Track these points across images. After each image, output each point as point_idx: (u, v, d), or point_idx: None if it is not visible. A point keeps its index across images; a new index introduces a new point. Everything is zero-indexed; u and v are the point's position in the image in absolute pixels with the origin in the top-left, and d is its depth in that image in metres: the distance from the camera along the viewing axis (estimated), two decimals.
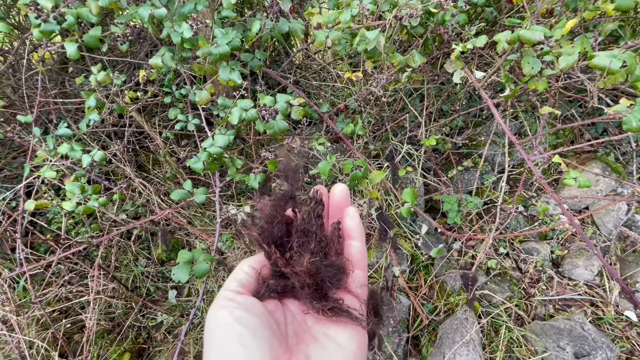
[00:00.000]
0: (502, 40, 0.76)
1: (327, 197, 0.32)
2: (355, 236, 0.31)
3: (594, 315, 1.27)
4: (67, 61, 1.71)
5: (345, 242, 0.31)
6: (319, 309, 0.28)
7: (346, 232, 0.31)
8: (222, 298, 0.27)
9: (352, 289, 0.30)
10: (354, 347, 0.27)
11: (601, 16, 0.96)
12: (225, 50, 0.79)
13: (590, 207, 1.53)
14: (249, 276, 0.30)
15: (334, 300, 0.28)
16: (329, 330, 0.28)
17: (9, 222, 1.09)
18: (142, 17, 0.78)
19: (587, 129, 1.65)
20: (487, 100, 0.83)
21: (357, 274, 0.31)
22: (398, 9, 0.77)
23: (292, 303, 0.31)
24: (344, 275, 0.29)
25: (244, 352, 0.23)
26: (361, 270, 0.31)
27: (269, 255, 0.30)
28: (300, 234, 0.29)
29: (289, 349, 0.27)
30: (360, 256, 0.31)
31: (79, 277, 1.33)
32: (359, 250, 0.31)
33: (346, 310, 0.28)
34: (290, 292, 0.31)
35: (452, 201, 1.46)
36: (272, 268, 0.31)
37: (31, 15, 0.77)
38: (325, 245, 0.29)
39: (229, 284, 0.29)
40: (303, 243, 0.29)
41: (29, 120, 0.98)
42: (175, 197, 0.79)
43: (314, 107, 1.03)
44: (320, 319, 0.29)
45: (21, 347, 1.01)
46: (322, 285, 0.28)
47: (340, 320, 0.28)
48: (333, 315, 0.28)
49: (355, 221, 0.31)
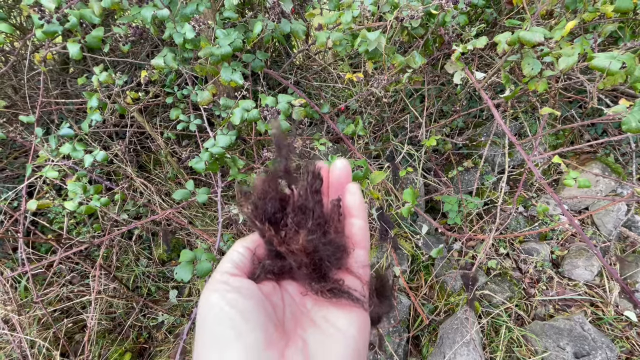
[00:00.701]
0: (503, 42, 0.77)
1: (327, 172, 0.30)
2: (356, 214, 0.29)
3: (593, 315, 1.27)
4: (68, 62, 1.71)
5: (346, 220, 0.29)
6: (318, 290, 0.27)
7: (347, 210, 0.29)
8: (215, 281, 0.26)
9: (354, 269, 0.28)
10: (354, 332, 0.26)
11: (601, 17, 0.97)
12: (227, 50, 0.80)
13: (590, 208, 1.54)
14: (244, 257, 0.28)
15: (334, 281, 0.27)
16: (329, 313, 0.27)
17: (11, 222, 1.09)
18: (144, 17, 0.79)
19: (586, 130, 1.66)
20: (488, 100, 0.84)
21: (359, 254, 0.29)
22: (399, 10, 0.78)
23: (290, 284, 0.29)
24: (344, 254, 0.28)
25: (235, 337, 0.22)
26: (363, 250, 0.29)
27: (263, 234, 0.28)
28: (297, 210, 0.27)
29: (285, 333, 0.25)
30: (362, 235, 0.29)
31: (80, 277, 1.33)
32: (361, 228, 0.29)
33: (347, 292, 0.27)
34: (288, 273, 0.29)
35: (453, 201, 1.47)
36: (268, 247, 0.29)
37: (34, 16, 0.77)
38: (324, 223, 0.27)
39: (223, 265, 0.27)
40: (300, 220, 0.27)
41: (31, 121, 0.99)
42: (178, 197, 0.80)
43: (315, 108, 1.04)
44: (320, 301, 0.27)
45: (23, 346, 1.01)
46: (321, 265, 0.27)
47: (341, 302, 0.27)
48: (333, 297, 0.27)
49: (357, 198, 0.29)
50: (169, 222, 1.39)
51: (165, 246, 1.39)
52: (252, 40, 0.88)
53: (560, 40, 0.75)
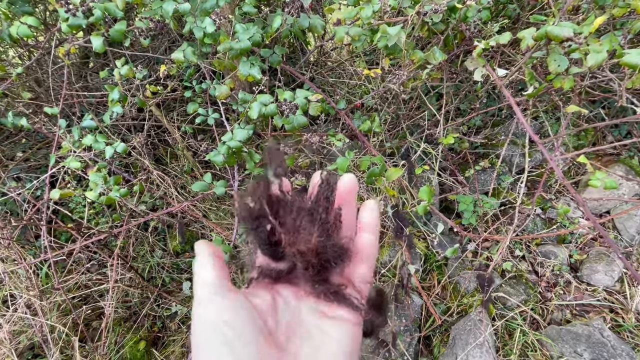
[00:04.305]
0: (527, 37, 0.74)
1: (351, 185, 0.30)
2: (369, 230, 0.30)
3: (613, 321, 1.24)
4: (88, 56, 1.75)
5: (358, 234, 0.30)
6: (321, 292, 0.27)
7: (361, 225, 0.30)
8: (202, 295, 0.26)
9: (356, 283, 0.28)
10: (347, 346, 0.26)
11: (630, 13, 0.93)
12: (246, 45, 0.80)
13: (612, 212, 1.49)
14: (218, 259, 0.28)
15: (337, 285, 0.28)
16: (324, 323, 0.27)
17: (34, 210, 1.13)
18: (166, 12, 0.80)
19: (609, 131, 1.60)
20: (510, 98, 0.82)
21: (363, 269, 0.29)
22: (421, 5, 0.76)
23: (286, 289, 0.29)
24: (348, 258, 0.28)
25: (228, 353, 0.23)
26: (368, 266, 0.29)
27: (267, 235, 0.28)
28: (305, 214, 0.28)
29: (278, 345, 0.25)
30: (371, 251, 0.29)
31: (98, 266, 1.37)
32: (371, 242, 0.29)
33: (348, 297, 0.27)
34: (284, 277, 0.29)
35: (468, 201, 1.44)
36: (266, 250, 0.29)
37: (60, 10, 0.79)
38: (328, 229, 0.28)
39: (206, 275, 0.27)
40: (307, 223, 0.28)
41: (55, 112, 1.02)
42: (196, 189, 0.81)
43: (331, 104, 1.03)
44: (316, 310, 0.28)
45: (44, 330, 1.05)
46: (327, 267, 0.27)
47: (338, 309, 0.27)
48: (334, 300, 0.27)
49: (374, 215, 0.30)
50: (184, 215, 1.42)
51: (180, 238, 1.42)
52: (270, 35, 0.88)
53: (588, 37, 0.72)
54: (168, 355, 1.28)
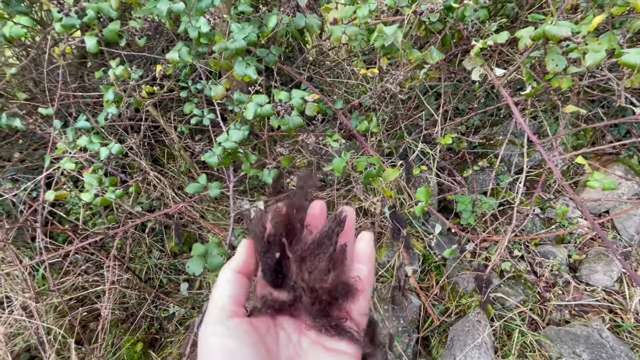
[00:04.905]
0: (525, 37, 0.74)
1: (352, 219, 0.31)
2: (364, 261, 0.30)
3: (612, 322, 1.23)
4: (85, 56, 1.74)
5: (353, 265, 0.30)
6: (322, 326, 0.27)
7: (356, 256, 0.30)
8: (212, 320, 0.26)
9: (354, 316, 0.29)
10: None
11: (630, 12, 0.92)
12: (241, 45, 0.79)
13: (611, 211, 1.48)
14: (237, 285, 0.28)
15: (338, 318, 0.28)
16: (324, 358, 0.27)
17: (30, 211, 1.12)
18: (160, 11, 0.79)
19: (609, 131, 1.60)
20: (507, 98, 0.81)
21: (360, 302, 0.29)
22: (417, 4, 0.75)
23: (287, 321, 0.29)
24: (352, 295, 0.29)
25: None
26: (364, 298, 0.30)
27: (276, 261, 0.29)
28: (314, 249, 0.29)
29: None
30: (366, 282, 0.30)
31: (95, 267, 1.36)
32: (366, 276, 0.30)
33: (348, 331, 0.28)
34: (286, 309, 0.29)
35: (466, 201, 1.44)
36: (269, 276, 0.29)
37: (53, 9, 0.78)
38: (334, 265, 0.28)
39: (219, 301, 0.27)
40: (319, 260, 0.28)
41: (50, 113, 1.01)
42: (190, 191, 0.80)
43: (328, 104, 1.03)
44: (316, 343, 0.28)
45: (40, 332, 1.04)
46: (333, 303, 0.28)
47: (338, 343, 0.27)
48: (335, 334, 0.27)
49: (369, 247, 0.30)
50: (181, 216, 1.41)
51: (176, 239, 1.41)
52: (266, 35, 0.88)
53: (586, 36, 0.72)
54: (165, 356, 1.27)
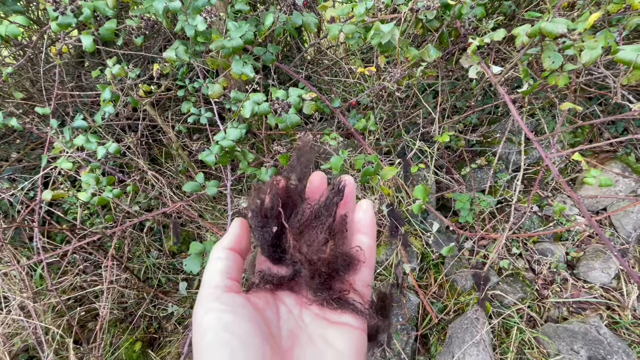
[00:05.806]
0: (522, 34, 0.74)
1: (352, 188, 0.30)
2: (365, 232, 0.29)
3: (610, 319, 1.24)
4: (83, 55, 1.74)
5: (354, 236, 0.29)
6: (324, 299, 0.27)
7: (356, 227, 0.29)
8: (206, 297, 0.25)
9: (357, 287, 0.28)
10: (352, 354, 0.26)
11: (626, 9, 0.93)
12: (238, 43, 0.79)
13: (609, 209, 1.49)
14: (229, 261, 0.27)
15: (340, 291, 0.27)
16: (327, 332, 0.26)
17: (27, 211, 1.12)
18: (157, 10, 0.79)
19: (606, 128, 1.60)
20: (504, 95, 0.81)
21: (364, 272, 0.29)
22: (414, 2, 0.75)
23: (288, 296, 0.28)
24: (354, 266, 0.28)
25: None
26: (368, 268, 0.29)
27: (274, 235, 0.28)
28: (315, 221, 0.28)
29: (282, 355, 0.25)
30: (369, 253, 0.29)
31: (93, 267, 1.36)
32: (368, 246, 0.29)
33: (352, 303, 0.27)
34: (286, 284, 0.28)
35: (464, 199, 1.44)
36: (267, 251, 0.28)
37: (49, 8, 0.78)
38: (333, 236, 0.28)
39: (211, 278, 0.26)
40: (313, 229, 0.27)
41: (46, 112, 1.01)
42: (188, 189, 0.80)
43: (326, 102, 1.03)
44: (319, 317, 0.27)
45: (38, 332, 1.04)
46: (333, 276, 0.27)
47: (342, 316, 0.27)
48: (338, 307, 0.27)
49: (369, 216, 0.29)
50: (179, 215, 1.41)
51: (174, 238, 1.41)
52: (263, 33, 0.88)
53: (583, 33, 0.72)
54: (164, 356, 1.27)
